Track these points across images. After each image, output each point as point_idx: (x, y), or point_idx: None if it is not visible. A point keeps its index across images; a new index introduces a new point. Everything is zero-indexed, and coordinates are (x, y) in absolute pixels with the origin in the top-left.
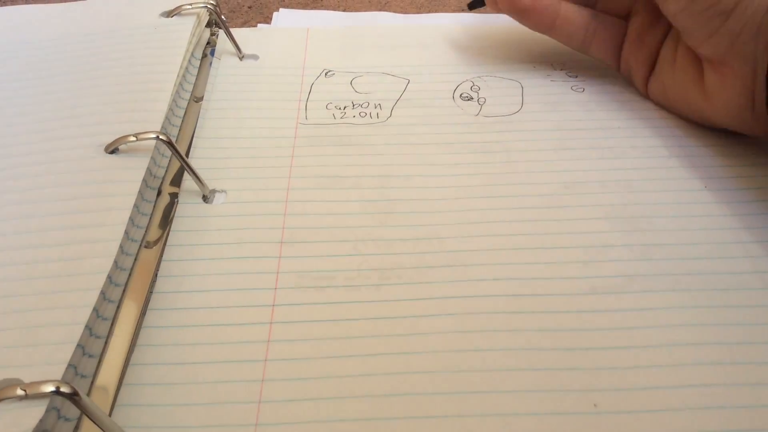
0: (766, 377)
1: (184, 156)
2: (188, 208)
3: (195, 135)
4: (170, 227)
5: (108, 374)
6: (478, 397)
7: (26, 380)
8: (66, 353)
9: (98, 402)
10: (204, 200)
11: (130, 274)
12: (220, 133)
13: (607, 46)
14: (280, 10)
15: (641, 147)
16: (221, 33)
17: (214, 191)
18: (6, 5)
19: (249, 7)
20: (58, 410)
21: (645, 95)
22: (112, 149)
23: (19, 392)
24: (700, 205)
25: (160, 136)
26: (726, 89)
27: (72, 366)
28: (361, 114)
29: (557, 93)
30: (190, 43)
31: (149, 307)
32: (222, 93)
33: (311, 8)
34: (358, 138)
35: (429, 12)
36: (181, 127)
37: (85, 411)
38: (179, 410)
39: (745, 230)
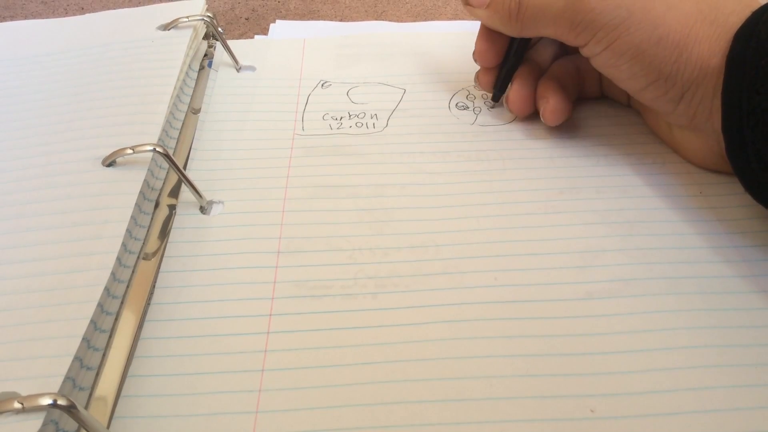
0: (763, 379)
1: (181, 168)
2: (186, 219)
3: (192, 146)
4: (168, 238)
5: (106, 386)
6: (475, 404)
7: (23, 393)
8: (63, 366)
9: (96, 414)
10: (201, 211)
11: (128, 286)
12: (218, 145)
13: (593, 83)
14: (277, 21)
15: (636, 153)
16: (218, 45)
17: (211, 202)
18: (5, 20)
19: (246, 19)
20: (56, 423)
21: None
22: (110, 162)
23: (17, 405)
24: (697, 210)
25: (157, 149)
26: (691, 142)
27: (70, 378)
28: (358, 124)
29: None
30: (187, 55)
31: (147, 318)
32: (219, 105)
33: (308, 19)
34: (354, 148)
35: (425, 20)
36: (178, 138)
37: (82, 423)
38: (177, 421)
39: (741, 234)
